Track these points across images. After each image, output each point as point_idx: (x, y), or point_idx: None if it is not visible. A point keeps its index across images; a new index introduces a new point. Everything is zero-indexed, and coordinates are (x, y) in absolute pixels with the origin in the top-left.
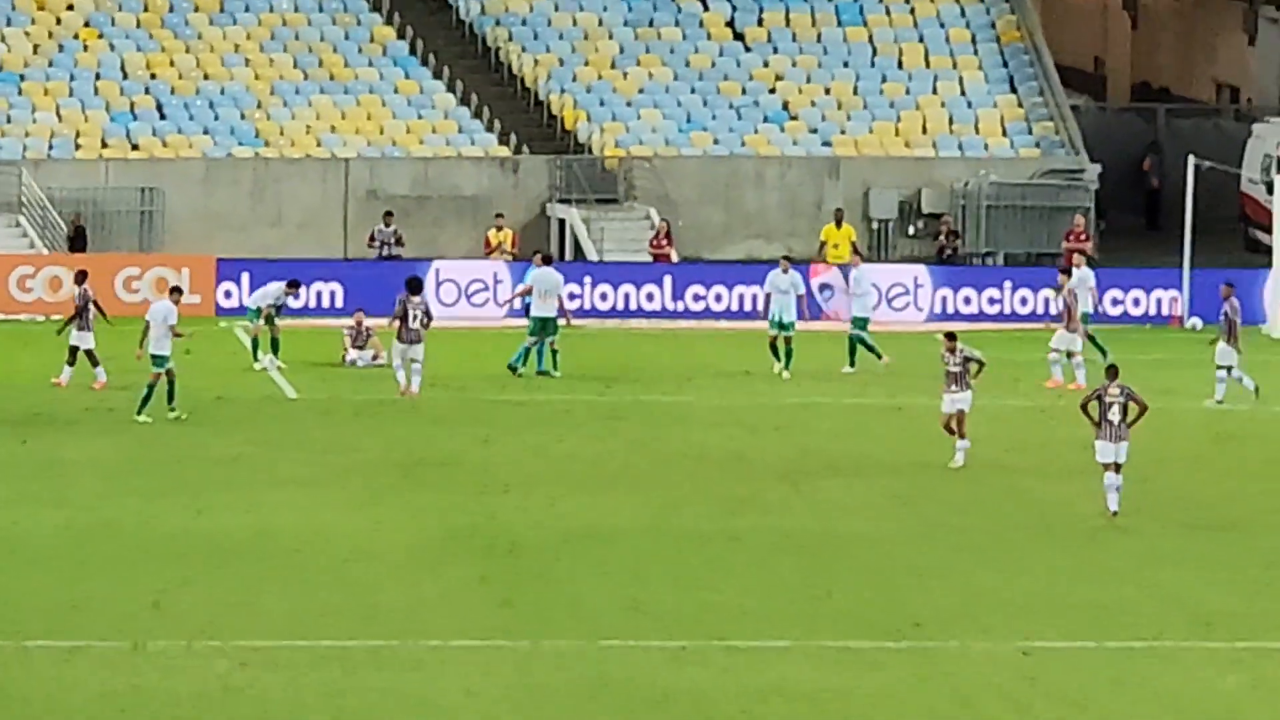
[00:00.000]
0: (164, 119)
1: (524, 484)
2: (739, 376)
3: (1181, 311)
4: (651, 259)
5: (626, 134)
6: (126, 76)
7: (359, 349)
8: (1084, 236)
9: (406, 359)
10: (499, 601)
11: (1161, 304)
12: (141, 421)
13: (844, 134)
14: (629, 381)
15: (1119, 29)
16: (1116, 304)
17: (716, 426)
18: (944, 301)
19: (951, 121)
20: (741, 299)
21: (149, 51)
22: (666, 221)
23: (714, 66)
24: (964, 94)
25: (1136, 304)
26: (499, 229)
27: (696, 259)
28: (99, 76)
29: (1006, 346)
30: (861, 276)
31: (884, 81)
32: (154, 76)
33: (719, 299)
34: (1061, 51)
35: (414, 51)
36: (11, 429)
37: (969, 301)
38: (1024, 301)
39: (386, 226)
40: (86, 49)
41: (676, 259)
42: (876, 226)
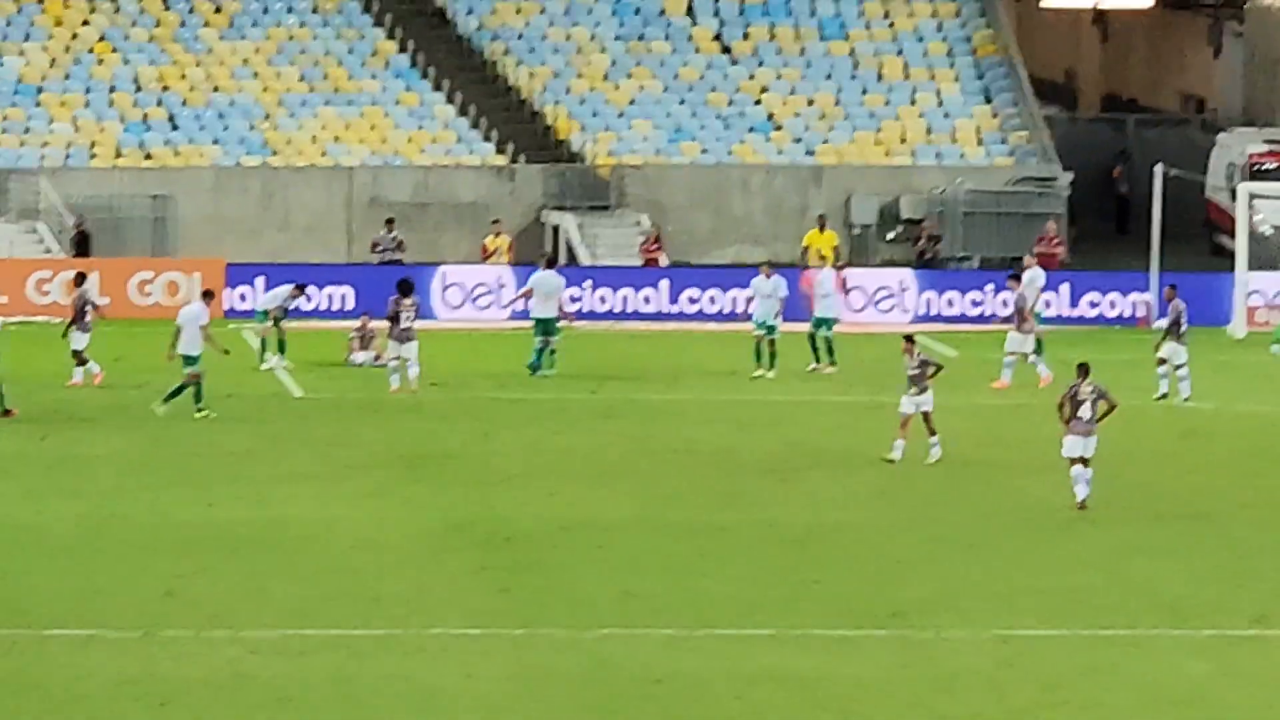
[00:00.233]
0: (176, 129)
1: (522, 477)
2: (728, 375)
3: (1150, 313)
4: (642, 263)
5: (618, 143)
6: (140, 89)
7: (364, 350)
8: (1056, 241)
9: (400, 357)
10: (498, 590)
11: (1132, 306)
12: (159, 412)
13: (826, 143)
14: (623, 380)
15: (1090, 43)
16: (1094, 306)
17: (707, 423)
18: (928, 304)
19: (929, 131)
20: (735, 301)
21: (161, 65)
22: (657, 227)
23: (702, 79)
24: (941, 105)
25: (1109, 305)
26: (496, 235)
27: (685, 263)
28: (113, 89)
29: (987, 347)
30: (825, 279)
31: (864, 93)
32: (166, 89)
33: (713, 301)
34: (1035, 64)
35: (415, 65)
36: (30, 426)
37: (952, 304)
38: (1005, 304)
39: (389, 232)
40: (101, 63)
41: (666, 263)
42: (858, 232)
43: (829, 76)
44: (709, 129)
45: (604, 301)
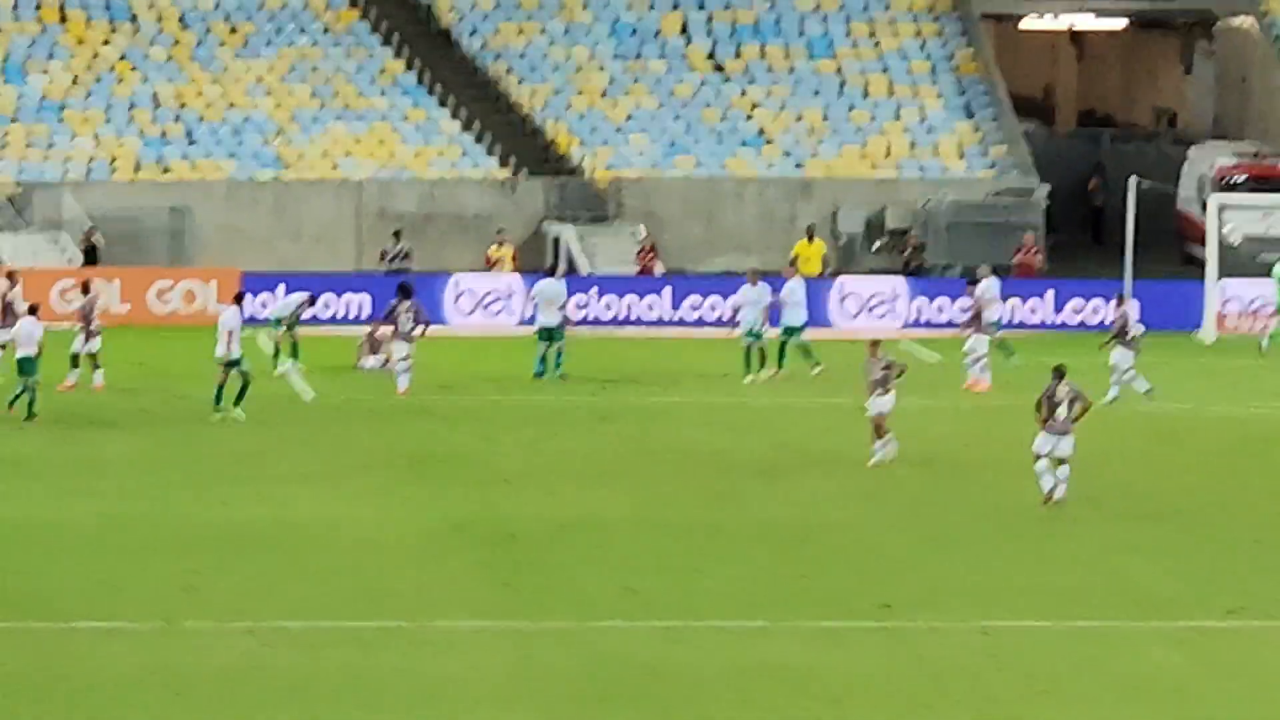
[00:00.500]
0: (193, 144)
1: (523, 477)
2: (721, 380)
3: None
4: (638, 271)
5: (616, 157)
6: (158, 105)
7: (374, 355)
8: (1034, 251)
9: (407, 357)
10: (500, 586)
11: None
12: (240, 418)
13: (815, 157)
14: (620, 384)
15: (1066, 61)
16: (1076, 313)
17: (701, 425)
18: (919, 310)
19: (913, 145)
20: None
21: (179, 83)
22: (652, 236)
23: (696, 96)
24: (924, 120)
25: (1083, 312)
26: (500, 245)
27: (680, 271)
28: (133, 106)
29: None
30: (796, 287)
31: (851, 109)
32: (183, 106)
33: (713, 309)
34: (1014, 82)
35: (421, 83)
36: (54, 429)
37: (942, 310)
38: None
39: (397, 243)
40: (121, 81)
41: (662, 271)
42: (845, 241)
43: (817, 93)
44: (702, 143)
45: (609, 309)
